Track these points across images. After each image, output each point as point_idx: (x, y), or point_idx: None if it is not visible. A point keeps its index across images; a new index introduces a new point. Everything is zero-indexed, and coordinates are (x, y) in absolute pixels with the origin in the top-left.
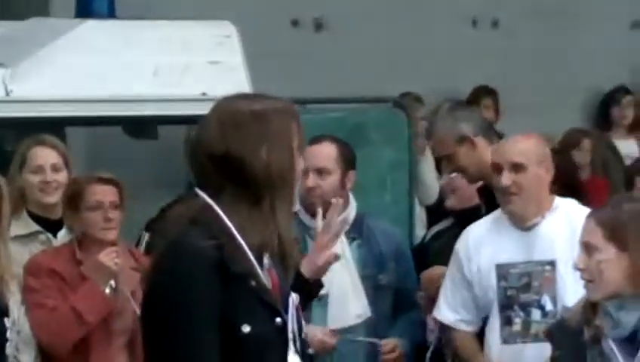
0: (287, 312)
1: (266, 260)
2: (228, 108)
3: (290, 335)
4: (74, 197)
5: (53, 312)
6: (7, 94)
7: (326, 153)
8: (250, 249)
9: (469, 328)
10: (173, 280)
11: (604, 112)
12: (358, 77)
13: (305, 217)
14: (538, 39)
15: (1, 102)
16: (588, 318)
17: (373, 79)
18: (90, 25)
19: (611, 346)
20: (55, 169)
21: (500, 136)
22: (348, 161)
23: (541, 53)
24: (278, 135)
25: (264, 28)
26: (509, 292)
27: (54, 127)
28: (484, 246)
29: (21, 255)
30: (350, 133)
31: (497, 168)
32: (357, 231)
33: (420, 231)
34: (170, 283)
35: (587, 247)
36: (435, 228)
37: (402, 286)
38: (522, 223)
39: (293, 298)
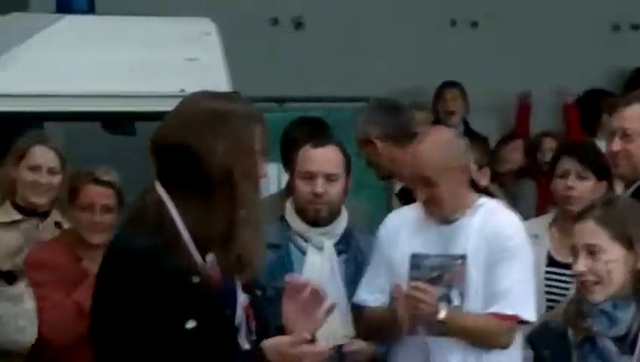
0: (233, 308)
1: (209, 258)
2: (190, 105)
3: (243, 331)
4: (71, 193)
5: (56, 306)
6: None
7: (336, 158)
8: (196, 245)
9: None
10: (111, 282)
11: None
12: (336, 76)
13: (297, 223)
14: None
15: None
16: (573, 320)
17: (351, 78)
18: (69, 20)
19: (609, 346)
20: (51, 172)
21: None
22: (349, 167)
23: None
24: (239, 136)
25: (244, 26)
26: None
27: (32, 123)
28: (404, 233)
29: (2, 240)
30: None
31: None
32: (344, 245)
33: None
34: (109, 284)
35: (590, 249)
36: None
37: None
38: (440, 217)
39: (242, 299)
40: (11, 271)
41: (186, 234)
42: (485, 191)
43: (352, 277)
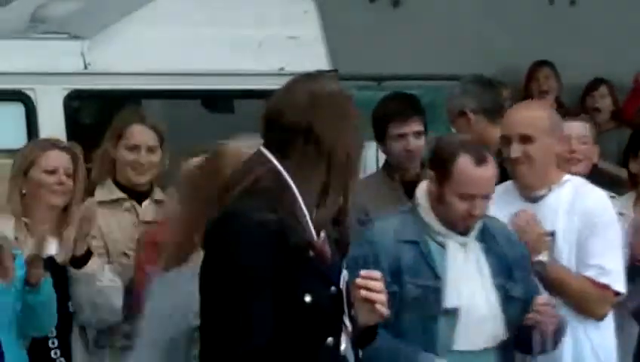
0: (337, 284)
1: (322, 234)
2: (311, 87)
3: (346, 308)
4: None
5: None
6: (86, 67)
7: (494, 175)
8: (311, 221)
9: None
10: (234, 254)
11: None
12: (433, 54)
13: (438, 226)
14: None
15: (79, 75)
16: None
17: (447, 56)
18: None
19: None
20: (150, 150)
21: None
22: None
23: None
24: (352, 117)
25: (342, 4)
26: None
27: (131, 100)
28: (491, 211)
29: (106, 219)
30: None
31: (506, 140)
32: (480, 234)
33: None
34: (231, 256)
35: None
36: None
37: (531, 296)
38: (529, 193)
39: (345, 274)
40: (80, 256)
41: (303, 208)
42: (595, 168)
43: (497, 266)
